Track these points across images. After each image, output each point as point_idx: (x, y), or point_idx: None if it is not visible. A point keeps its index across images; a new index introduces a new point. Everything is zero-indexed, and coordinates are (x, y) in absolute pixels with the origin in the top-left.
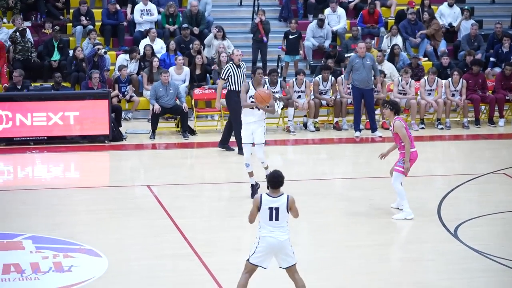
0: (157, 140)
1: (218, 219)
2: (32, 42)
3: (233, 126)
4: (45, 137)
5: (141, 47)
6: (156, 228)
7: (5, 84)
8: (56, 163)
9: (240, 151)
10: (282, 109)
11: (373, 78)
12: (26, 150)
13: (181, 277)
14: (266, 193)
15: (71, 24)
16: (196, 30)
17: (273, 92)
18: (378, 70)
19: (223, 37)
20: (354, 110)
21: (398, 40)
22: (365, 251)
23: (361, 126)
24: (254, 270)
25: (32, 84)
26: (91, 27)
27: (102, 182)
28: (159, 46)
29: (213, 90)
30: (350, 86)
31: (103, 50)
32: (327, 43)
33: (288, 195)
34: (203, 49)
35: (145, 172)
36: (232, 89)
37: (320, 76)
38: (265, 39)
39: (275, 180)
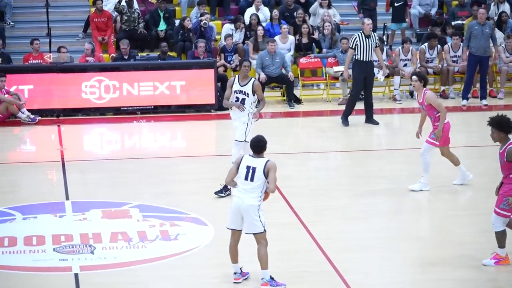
0: (262, 109)
1: (324, 188)
2: (139, 12)
3: (351, 95)
4: (152, 107)
5: (246, 16)
6: None
7: (112, 54)
8: (163, 132)
9: (344, 121)
10: (388, 77)
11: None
12: (133, 119)
13: (287, 245)
14: (249, 155)
15: None
16: None
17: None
18: (496, 39)
19: (329, 6)
20: (466, 77)
21: (506, 7)
22: (472, 220)
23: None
24: (235, 235)
25: (139, 54)
26: None
27: (208, 151)
28: (264, 15)
29: (319, 59)
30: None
31: (204, 21)
32: (433, 11)
33: (269, 160)
34: (308, 18)
35: None
36: (357, 58)
37: (426, 44)
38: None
39: (256, 145)
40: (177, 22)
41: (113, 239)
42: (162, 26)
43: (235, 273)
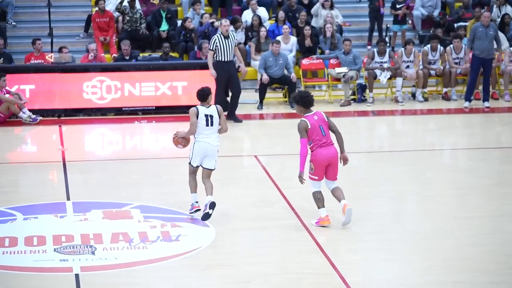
0: (264, 110)
1: (325, 190)
2: (141, 13)
3: (216, 95)
4: (153, 107)
5: (245, 17)
6: (263, 198)
7: (114, 55)
8: (164, 133)
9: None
10: (390, 79)
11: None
12: (134, 120)
13: (288, 247)
14: (199, 106)
15: None
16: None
17: (381, 63)
18: (500, 41)
19: (331, 7)
20: (470, 79)
21: (508, 9)
22: (474, 222)
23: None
24: (197, 171)
25: (141, 55)
26: None
27: None
28: (261, 16)
29: (321, 60)
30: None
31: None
32: (436, 12)
33: (216, 105)
34: (311, 19)
35: (252, 142)
36: (218, 59)
37: (429, 45)
38: (382, 10)
39: (202, 93)
40: (179, 22)
41: (114, 240)
42: (164, 26)
43: (196, 202)
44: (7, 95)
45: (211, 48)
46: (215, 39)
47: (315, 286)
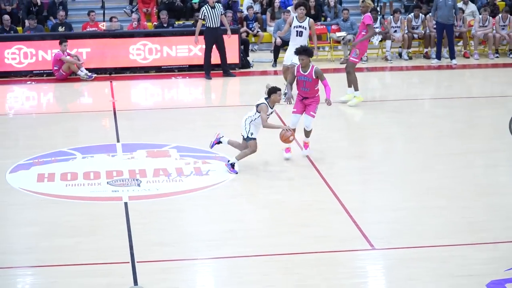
0: (278, 67)
1: (327, 132)
2: None
3: (204, 56)
4: (187, 66)
5: None
6: (279, 144)
7: (155, 23)
8: (196, 87)
9: (207, 76)
10: (381, 41)
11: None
12: (171, 76)
13: (300, 181)
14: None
15: None
16: None
17: (375, 27)
18: (458, 9)
19: None
20: (437, 41)
21: None
22: (450, 158)
23: (446, 55)
24: None
25: (176, 23)
26: None
27: (233, 101)
28: None
29: (324, 26)
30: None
31: None
32: None
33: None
34: None
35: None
36: (208, 26)
37: (412, 14)
38: None
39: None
40: None
41: (155, 174)
42: None
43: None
44: (68, 57)
45: (200, 17)
46: (203, 10)
47: (322, 211)
